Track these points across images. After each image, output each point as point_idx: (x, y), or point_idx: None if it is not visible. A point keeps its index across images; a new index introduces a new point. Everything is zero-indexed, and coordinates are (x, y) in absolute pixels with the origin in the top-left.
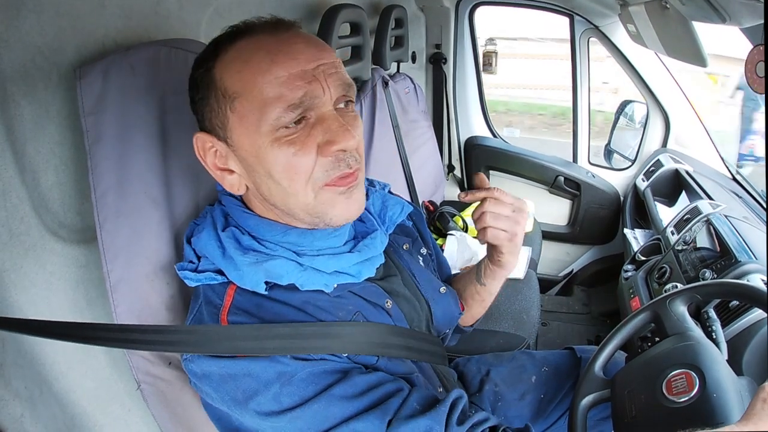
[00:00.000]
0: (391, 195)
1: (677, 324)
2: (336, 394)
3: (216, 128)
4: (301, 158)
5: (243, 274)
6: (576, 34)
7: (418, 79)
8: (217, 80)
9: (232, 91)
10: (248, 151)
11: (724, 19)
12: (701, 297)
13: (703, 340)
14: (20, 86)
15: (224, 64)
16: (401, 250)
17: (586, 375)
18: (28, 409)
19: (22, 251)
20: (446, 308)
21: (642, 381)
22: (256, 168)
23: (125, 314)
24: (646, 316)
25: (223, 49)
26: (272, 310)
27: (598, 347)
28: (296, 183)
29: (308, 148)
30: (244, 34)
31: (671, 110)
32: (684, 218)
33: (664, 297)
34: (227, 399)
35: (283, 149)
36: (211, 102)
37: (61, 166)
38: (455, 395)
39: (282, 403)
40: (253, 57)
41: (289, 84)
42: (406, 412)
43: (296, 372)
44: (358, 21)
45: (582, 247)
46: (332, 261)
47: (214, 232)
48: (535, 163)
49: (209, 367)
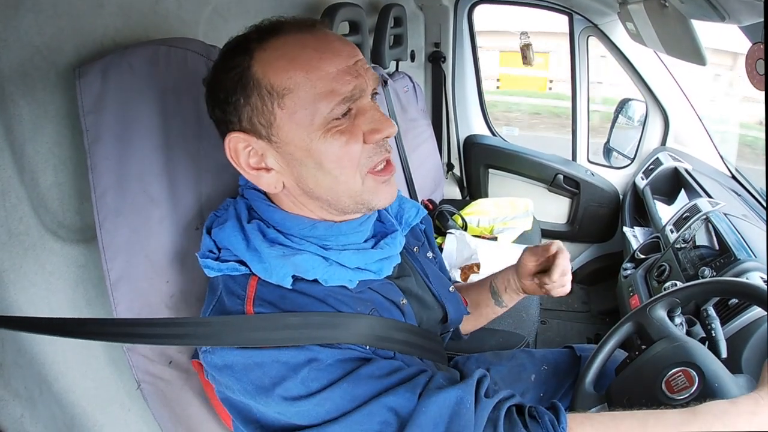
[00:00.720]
0: (405, 198)
1: (661, 329)
2: (363, 374)
3: (258, 126)
4: (352, 146)
5: (270, 267)
6: (575, 33)
7: (417, 78)
8: (260, 78)
9: (282, 87)
10: (298, 146)
11: (723, 18)
12: (680, 300)
13: (690, 339)
14: (19, 86)
15: (265, 62)
16: (413, 251)
17: (578, 392)
18: (28, 409)
19: (21, 251)
20: (457, 306)
21: (640, 386)
22: (305, 161)
23: (125, 313)
24: (629, 326)
25: (259, 48)
26: (296, 301)
27: (586, 363)
28: (347, 170)
29: (356, 137)
30: (278, 33)
31: (670, 108)
32: (683, 216)
33: (644, 306)
34: (250, 388)
35: (336, 138)
36: (252, 101)
37: (60, 165)
38: (480, 373)
39: (310, 387)
40: (299, 54)
41: (339, 79)
42: (435, 385)
43: (326, 359)
44: (357, 19)
45: (581, 246)
46: (356, 256)
47: (239, 224)
48: (535, 161)
49: (233, 358)
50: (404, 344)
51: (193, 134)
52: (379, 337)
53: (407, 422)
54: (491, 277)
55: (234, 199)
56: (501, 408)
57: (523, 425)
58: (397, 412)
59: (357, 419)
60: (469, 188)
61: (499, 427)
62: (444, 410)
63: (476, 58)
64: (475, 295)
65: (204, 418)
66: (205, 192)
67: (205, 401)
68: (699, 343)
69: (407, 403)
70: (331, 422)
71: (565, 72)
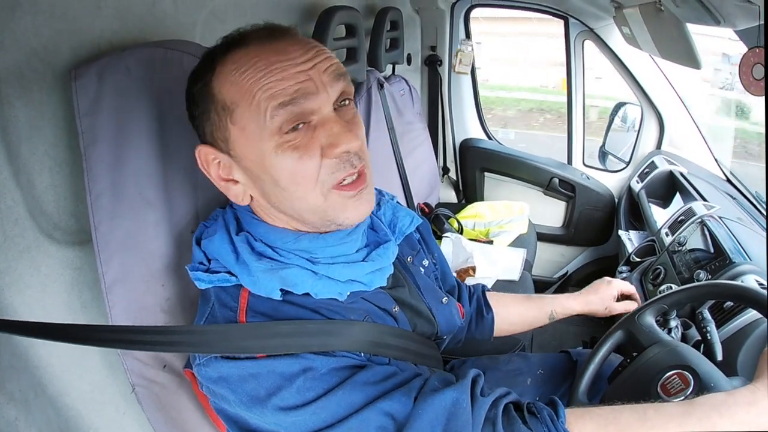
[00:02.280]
0: (399, 206)
1: (651, 335)
2: (359, 380)
3: (218, 141)
4: (306, 162)
5: (257, 281)
6: (571, 37)
7: (413, 81)
8: (216, 93)
9: (231, 102)
10: (253, 161)
11: (719, 22)
12: (668, 307)
13: (680, 343)
14: (15, 87)
15: (222, 76)
16: (406, 261)
17: (572, 403)
18: (23, 413)
19: (16, 253)
20: (449, 318)
21: (635, 392)
22: (262, 177)
23: (120, 316)
24: (619, 335)
25: (220, 62)
26: (289, 312)
27: (578, 374)
28: (303, 187)
29: (312, 152)
30: (239, 45)
31: (665, 112)
32: (678, 220)
33: (632, 313)
34: (246, 399)
35: (287, 155)
36: (211, 116)
37: (55, 167)
38: (474, 373)
39: (306, 396)
40: (251, 66)
41: (282, 84)
42: (430, 388)
43: (320, 367)
44: (353, 23)
45: (577, 249)
46: (347, 269)
47: (228, 236)
48: (530, 164)
49: (227, 370)
50: (399, 350)
51: (189, 137)
52: (373, 343)
53: (404, 426)
54: (549, 304)
55: (223, 210)
56: (498, 405)
57: (522, 421)
58: (393, 417)
59: (353, 426)
60: (465, 192)
61: (497, 425)
62: (440, 412)
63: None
64: (524, 311)
65: (199, 422)
66: (201, 195)
67: (200, 405)
68: (690, 347)
69: (403, 407)
70: (328, 430)
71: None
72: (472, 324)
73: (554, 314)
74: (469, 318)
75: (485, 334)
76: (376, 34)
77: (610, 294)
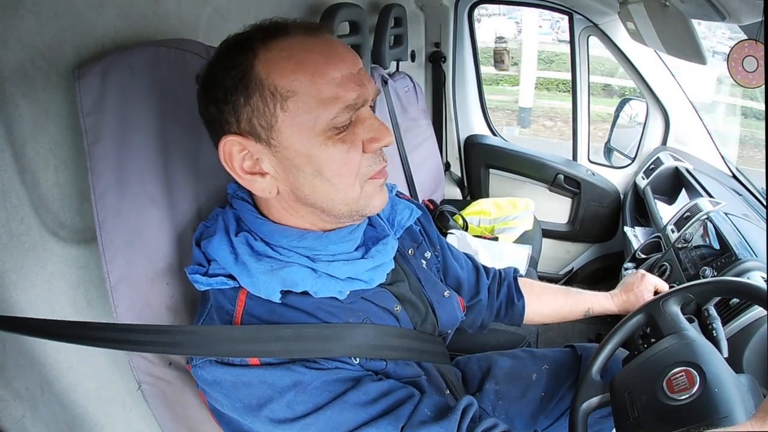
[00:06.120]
0: (398, 198)
1: (672, 324)
2: (349, 400)
3: (257, 129)
4: (352, 155)
5: (257, 282)
6: (575, 32)
7: (417, 78)
8: (263, 79)
9: (286, 90)
10: (297, 151)
11: (724, 17)
12: (694, 296)
13: (699, 337)
14: (19, 87)
15: (270, 62)
16: (407, 254)
17: (584, 380)
18: (30, 410)
19: (22, 252)
20: (450, 312)
21: (642, 382)
22: (303, 168)
23: (125, 314)
24: (641, 318)
25: (263, 48)
26: (285, 315)
27: (594, 351)
28: (347, 178)
29: (357, 146)
30: (283, 34)
31: (671, 108)
32: (684, 216)
33: (657, 298)
34: (239, 405)
35: (338, 147)
36: (253, 101)
37: (60, 166)
38: (465, 402)
39: (296, 411)
40: (306, 58)
41: (344, 86)
42: (419, 419)
43: (311, 381)
44: (357, 20)
45: (582, 245)
46: (347, 267)
47: (227, 237)
48: (535, 161)
49: (221, 375)
50: (401, 350)
51: (193, 135)
52: (373, 346)
53: None
54: (587, 302)
55: (223, 209)
56: None
57: None
58: None
59: None
60: (470, 188)
61: None
62: None
63: (477, 58)
64: (560, 306)
65: (205, 418)
66: (205, 193)
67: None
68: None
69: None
70: None
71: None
72: (501, 311)
73: (590, 312)
74: (499, 305)
75: (515, 321)
76: (380, 31)
77: (647, 292)
